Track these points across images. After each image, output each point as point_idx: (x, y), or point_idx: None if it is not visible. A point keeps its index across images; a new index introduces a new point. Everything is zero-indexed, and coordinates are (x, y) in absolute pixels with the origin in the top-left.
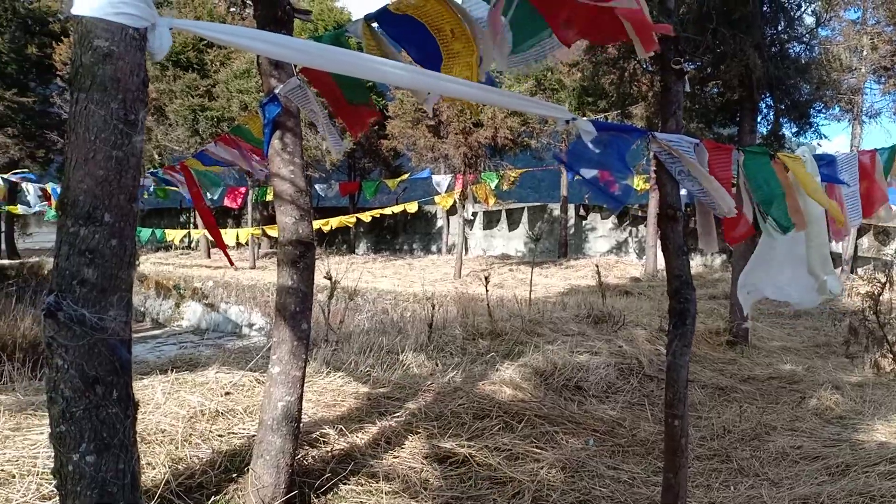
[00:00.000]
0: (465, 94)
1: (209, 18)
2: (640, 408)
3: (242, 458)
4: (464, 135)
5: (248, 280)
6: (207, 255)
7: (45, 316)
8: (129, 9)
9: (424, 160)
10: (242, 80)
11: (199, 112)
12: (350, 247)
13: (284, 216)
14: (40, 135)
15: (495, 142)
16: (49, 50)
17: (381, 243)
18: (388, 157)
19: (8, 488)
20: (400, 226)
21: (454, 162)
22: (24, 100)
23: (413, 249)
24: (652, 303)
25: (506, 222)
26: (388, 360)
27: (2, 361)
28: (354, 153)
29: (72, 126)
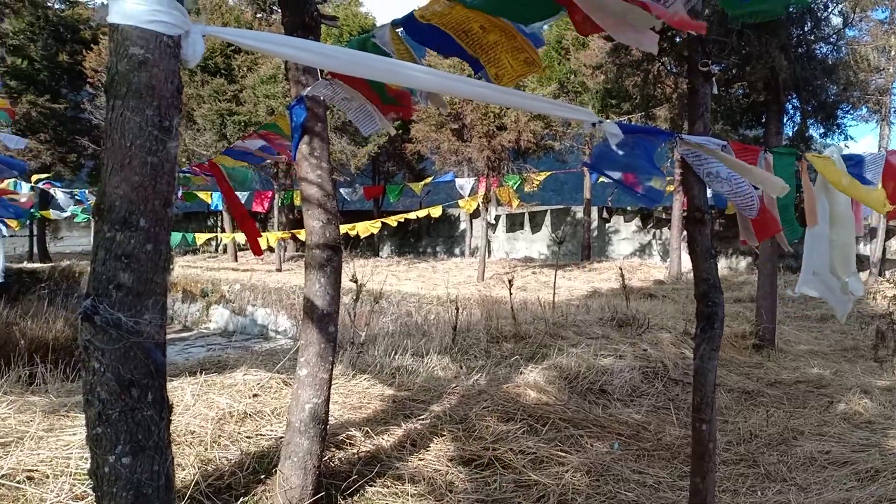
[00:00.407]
0: (493, 98)
1: (236, 24)
2: (666, 412)
3: (270, 459)
4: (487, 138)
5: (274, 283)
6: (234, 259)
7: (82, 319)
8: (164, 17)
9: (448, 163)
10: (269, 85)
11: (226, 116)
12: (374, 250)
13: (312, 220)
14: (71, 140)
15: (518, 145)
16: (80, 57)
17: (405, 246)
18: (412, 160)
19: (42, 488)
20: (423, 229)
21: (477, 165)
22: (56, 106)
23: (436, 252)
24: (676, 306)
25: (529, 225)
26: (412, 362)
27: (35, 363)
28: (379, 157)
29: (108, 132)
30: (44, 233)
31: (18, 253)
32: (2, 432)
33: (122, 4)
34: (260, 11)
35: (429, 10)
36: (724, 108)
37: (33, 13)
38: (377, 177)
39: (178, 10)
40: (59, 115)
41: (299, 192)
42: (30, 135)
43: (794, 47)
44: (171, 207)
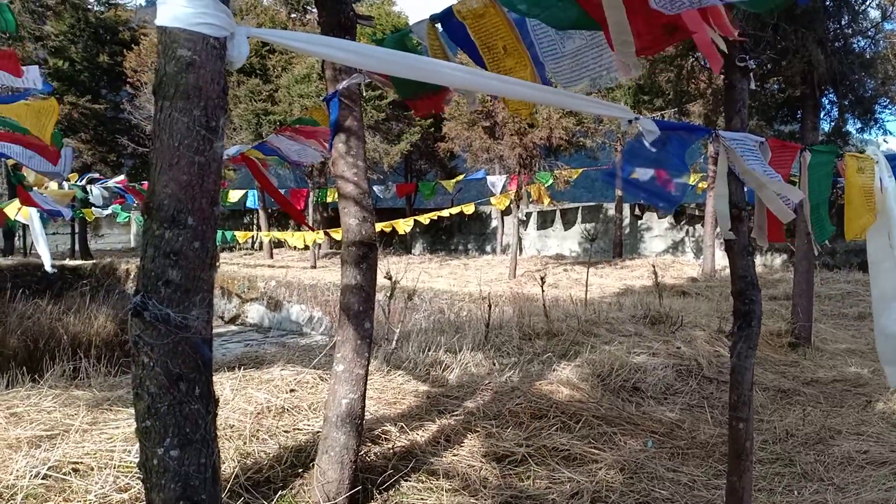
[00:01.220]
0: (530, 96)
1: (271, 24)
2: (700, 410)
3: (307, 453)
4: (519, 136)
5: (309, 279)
6: (270, 256)
7: (132, 315)
8: (210, 19)
9: (479, 161)
10: (303, 84)
11: (262, 116)
12: (406, 247)
13: (348, 217)
14: (111, 140)
15: (550, 142)
16: (119, 58)
17: (437, 243)
18: (444, 158)
19: (87, 480)
20: (455, 226)
21: (509, 163)
22: (97, 106)
23: (468, 249)
24: (710, 303)
25: (560, 222)
26: (446, 358)
27: (79, 358)
28: (411, 155)
29: (156, 133)
30: (85, 230)
31: (61, 250)
32: (48, 425)
33: (169, 7)
34: (294, 11)
35: (466, 5)
36: (759, 104)
37: (74, 15)
38: (409, 175)
39: (223, 12)
40: (100, 115)
41: (335, 189)
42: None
43: (831, 41)
44: (217, 206)
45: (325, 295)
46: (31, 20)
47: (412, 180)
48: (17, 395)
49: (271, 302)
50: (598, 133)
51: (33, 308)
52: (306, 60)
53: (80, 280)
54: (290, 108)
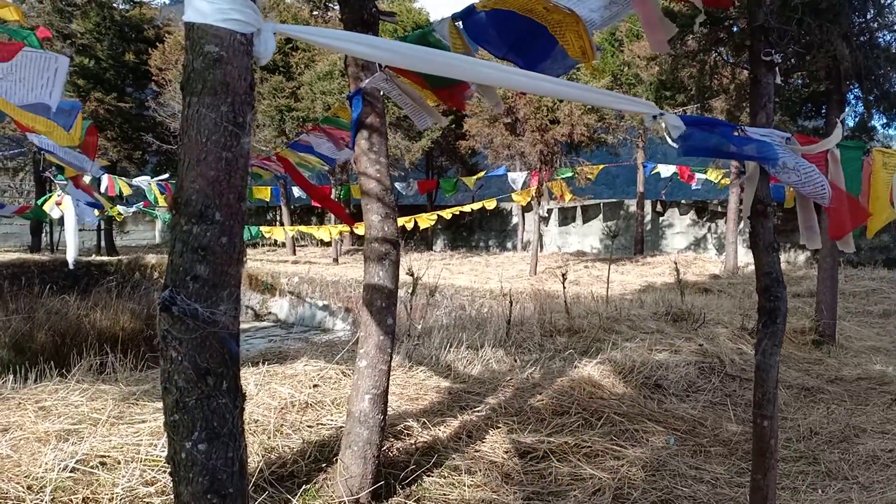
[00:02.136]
0: (554, 91)
1: (293, 21)
2: (723, 407)
3: (331, 448)
4: (540, 132)
5: (331, 276)
6: (293, 252)
7: (161, 310)
8: (237, 15)
9: (500, 158)
10: (325, 81)
11: (285, 113)
12: (428, 244)
13: (371, 214)
14: (136, 137)
15: (571, 138)
16: (144, 56)
17: (458, 240)
18: (465, 155)
19: (115, 473)
20: (476, 223)
21: (530, 159)
22: (122, 104)
23: (489, 246)
24: (733, 300)
25: (581, 219)
26: (467, 355)
27: (105, 353)
28: (432, 152)
29: (184, 129)
30: (111, 227)
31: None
32: (76, 419)
33: (197, 3)
34: (316, 8)
35: None
36: (783, 99)
37: (100, 14)
38: (430, 171)
39: (250, 8)
40: (125, 112)
41: (357, 186)
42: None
43: (857, 35)
44: (244, 201)
45: (347, 291)
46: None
47: (433, 177)
48: (46, 389)
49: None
50: (619, 129)
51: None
52: (329, 57)
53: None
54: (313, 104)
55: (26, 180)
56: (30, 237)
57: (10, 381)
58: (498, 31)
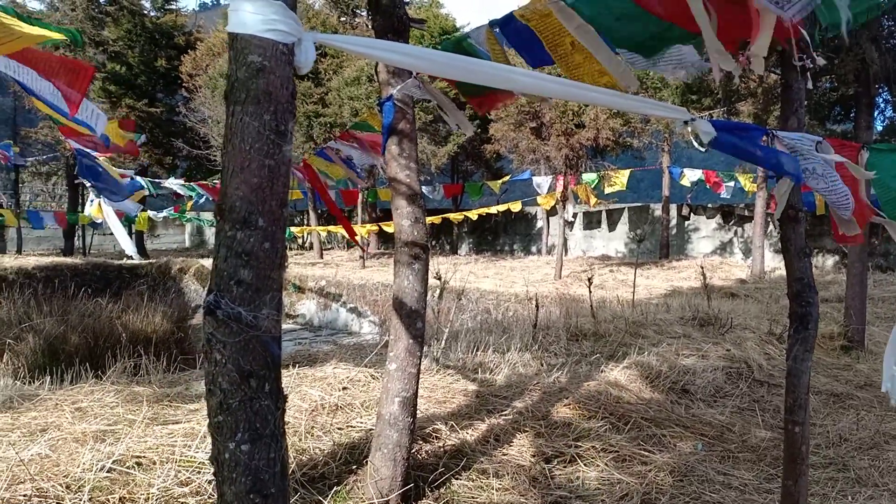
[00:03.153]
0: (588, 98)
1: (322, 28)
2: (751, 413)
3: (361, 450)
4: (566, 136)
5: (358, 279)
6: (320, 255)
7: (206, 314)
8: (280, 25)
9: (526, 162)
10: (353, 87)
11: (313, 118)
12: (453, 247)
13: (401, 219)
14: (167, 142)
15: (597, 142)
16: (175, 62)
17: (483, 244)
18: (490, 159)
19: (150, 474)
20: (501, 227)
21: (555, 163)
22: (153, 109)
23: (513, 250)
24: (760, 305)
25: (606, 223)
26: (494, 358)
27: (139, 355)
28: (458, 156)
29: (228, 137)
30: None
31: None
32: (111, 420)
33: (240, 14)
34: (343, 15)
35: (529, 8)
36: (812, 102)
37: (131, 21)
38: (456, 176)
39: (292, 18)
40: (156, 118)
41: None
42: None
43: (886, 39)
44: (286, 207)
45: (374, 294)
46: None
47: (459, 181)
48: (82, 390)
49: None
50: (644, 133)
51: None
52: (356, 63)
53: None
54: (341, 110)
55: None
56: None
57: (46, 382)
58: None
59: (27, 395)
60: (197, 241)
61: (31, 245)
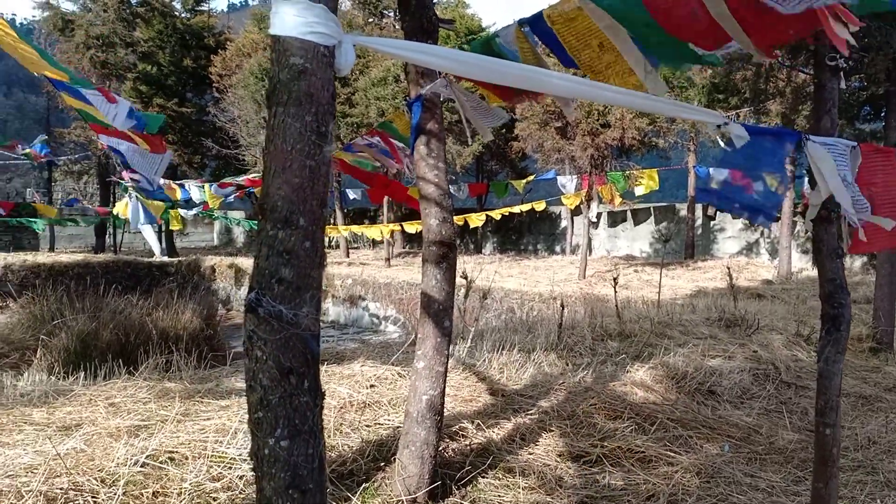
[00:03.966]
0: (621, 101)
1: (349, 27)
2: (778, 415)
3: (388, 447)
4: (591, 136)
5: (384, 278)
6: (346, 255)
7: (247, 311)
8: (321, 28)
9: (550, 161)
10: (379, 87)
11: (340, 118)
12: (477, 247)
13: (429, 218)
14: (196, 142)
15: (622, 142)
16: (204, 62)
17: (507, 243)
18: (515, 159)
19: (182, 469)
20: (525, 226)
21: (580, 163)
22: (183, 109)
23: (537, 250)
24: (787, 306)
25: (631, 222)
26: (519, 358)
27: (171, 351)
28: (483, 156)
29: (270, 138)
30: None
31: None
32: (144, 415)
33: (283, 17)
34: (371, 16)
35: (557, 9)
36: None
37: (162, 22)
38: (481, 175)
39: (333, 21)
40: (185, 117)
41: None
42: None
43: None
44: (326, 207)
45: (400, 293)
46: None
47: (483, 181)
48: (115, 386)
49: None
50: (670, 132)
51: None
52: (382, 63)
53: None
54: (367, 110)
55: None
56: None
57: (80, 377)
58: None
59: (62, 390)
60: (225, 240)
61: (63, 243)
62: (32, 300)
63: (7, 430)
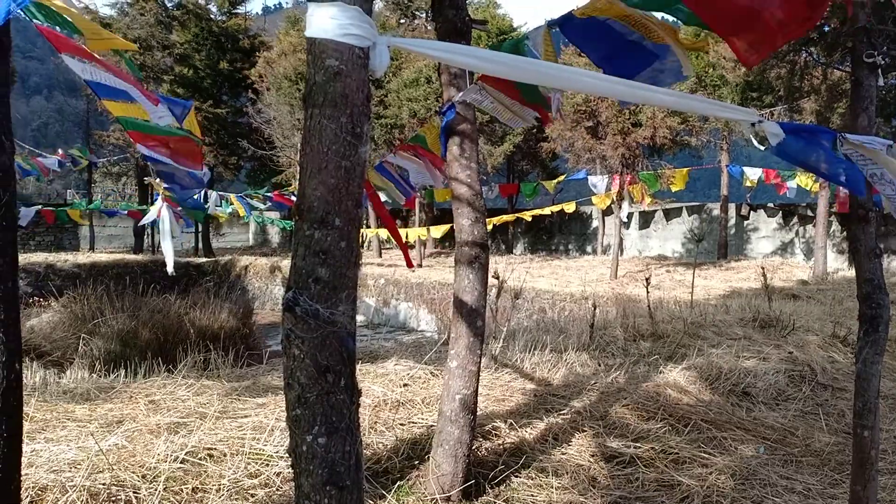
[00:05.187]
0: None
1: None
2: (814, 417)
3: (422, 446)
4: (622, 135)
5: (415, 278)
6: (379, 255)
7: (284, 310)
8: (356, 30)
9: (581, 161)
10: (412, 88)
11: (373, 119)
12: (508, 247)
13: (462, 218)
14: (232, 143)
15: (654, 141)
16: (239, 64)
17: (538, 244)
18: (546, 159)
19: (221, 465)
20: (556, 226)
21: (612, 162)
22: (218, 111)
23: (568, 250)
24: (823, 307)
25: (662, 222)
26: (551, 358)
27: (209, 350)
28: (514, 156)
29: (306, 139)
30: (208, 229)
31: (185, 248)
32: (183, 412)
33: (319, 19)
34: (403, 17)
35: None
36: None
37: (198, 25)
38: (512, 175)
39: (368, 23)
40: (221, 119)
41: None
42: None
43: None
44: (360, 207)
45: (431, 293)
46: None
47: (514, 181)
48: (154, 383)
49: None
50: (702, 131)
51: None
52: (415, 65)
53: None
54: (400, 111)
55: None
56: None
57: (121, 375)
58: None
59: (103, 387)
60: (260, 240)
61: (103, 243)
62: (73, 299)
63: (51, 427)
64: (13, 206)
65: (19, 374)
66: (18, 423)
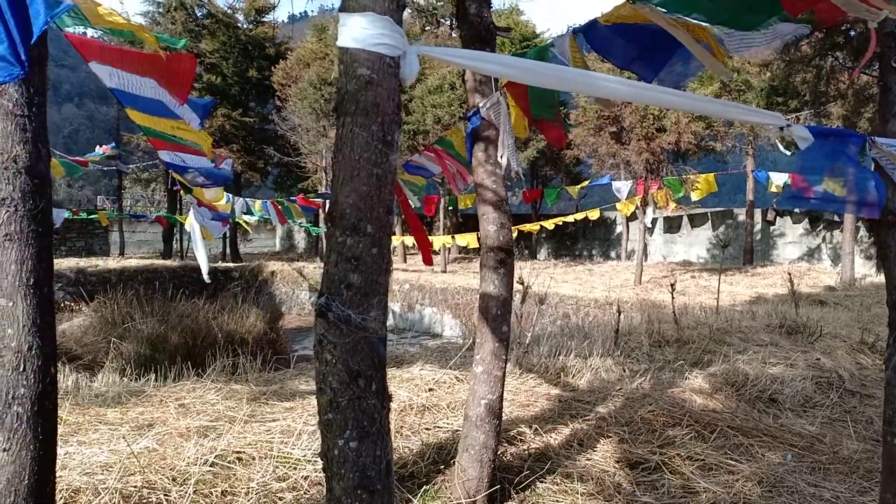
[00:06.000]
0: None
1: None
2: (842, 424)
3: (448, 451)
4: (646, 140)
5: (440, 283)
6: (404, 260)
7: (317, 316)
8: (387, 39)
9: (605, 167)
10: (435, 94)
11: None
12: (532, 252)
13: (487, 224)
14: (259, 150)
15: (678, 146)
16: (266, 72)
17: (562, 249)
18: (570, 164)
19: (250, 469)
20: (580, 232)
21: (636, 168)
22: (246, 118)
23: (592, 255)
24: (850, 314)
25: (687, 228)
26: (576, 363)
27: (237, 354)
28: (537, 161)
29: (338, 147)
30: (235, 235)
31: (213, 253)
32: (214, 416)
33: (350, 29)
34: (428, 24)
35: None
36: None
37: (226, 33)
38: (535, 181)
39: (398, 32)
40: (248, 126)
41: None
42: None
43: None
44: (391, 214)
45: (455, 298)
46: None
47: (538, 186)
48: (184, 387)
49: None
50: (727, 136)
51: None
52: (439, 71)
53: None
54: (424, 117)
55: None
56: (162, 244)
57: (151, 379)
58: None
59: (133, 391)
60: (287, 245)
61: (133, 248)
62: (104, 304)
63: (83, 430)
64: (49, 213)
65: (54, 378)
66: (53, 426)
